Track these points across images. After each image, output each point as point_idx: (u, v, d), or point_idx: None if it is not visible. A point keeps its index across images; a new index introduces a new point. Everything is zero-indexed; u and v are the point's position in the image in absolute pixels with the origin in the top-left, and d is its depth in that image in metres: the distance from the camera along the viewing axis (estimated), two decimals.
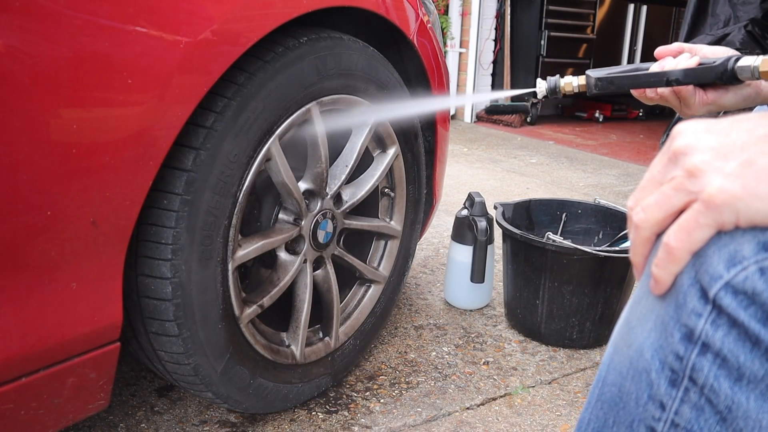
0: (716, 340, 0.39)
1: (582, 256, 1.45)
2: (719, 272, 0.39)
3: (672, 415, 0.42)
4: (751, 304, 0.38)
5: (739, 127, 0.40)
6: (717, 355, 0.40)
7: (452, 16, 5.36)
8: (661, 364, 0.42)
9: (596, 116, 5.68)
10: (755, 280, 0.38)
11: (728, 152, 0.39)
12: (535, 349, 1.55)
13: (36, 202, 0.71)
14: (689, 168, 0.40)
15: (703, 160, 0.40)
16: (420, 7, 1.39)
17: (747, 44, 3.81)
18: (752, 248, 0.38)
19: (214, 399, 1.08)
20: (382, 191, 1.39)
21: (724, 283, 0.39)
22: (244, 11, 0.90)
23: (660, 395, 0.42)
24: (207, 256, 0.96)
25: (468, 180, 3.28)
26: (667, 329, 0.42)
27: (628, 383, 0.45)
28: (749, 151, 0.39)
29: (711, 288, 0.39)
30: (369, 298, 1.39)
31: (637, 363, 0.44)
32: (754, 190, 0.38)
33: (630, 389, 0.45)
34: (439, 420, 1.25)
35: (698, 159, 0.40)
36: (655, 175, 0.43)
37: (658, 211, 0.42)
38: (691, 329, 0.40)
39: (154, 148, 0.82)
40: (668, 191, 0.41)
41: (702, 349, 0.40)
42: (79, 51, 0.72)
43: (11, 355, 0.73)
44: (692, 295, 0.40)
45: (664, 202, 0.42)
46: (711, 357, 0.40)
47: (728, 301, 0.39)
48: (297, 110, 1.06)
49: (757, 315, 0.38)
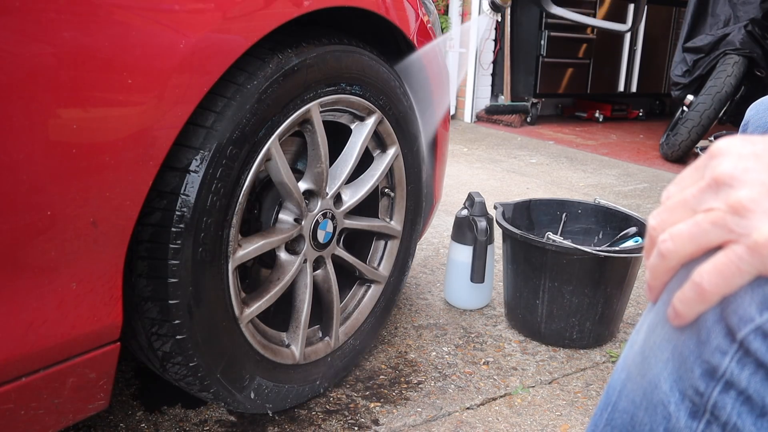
0: (741, 379, 0.37)
1: (582, 256, 1.45)
2: (750, 315, 0.36)
3: None
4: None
5: None
6: (741, 393, 0.37)
7: (452, 16, 5.36)
8: (681, 396, 0.40)
9: (596, 116, 5.67)
10: None
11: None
12: (535, 349, 1.55)
13: (36, 202, 0.71)
14: (734, 204, 0.36)
15: (752, 198, 0.35)
16: (420, 7, 1.39)
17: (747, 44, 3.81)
18: None
19: (213, 399, 1.08)
20: (382, 191, 1.39)
21: (755, 326, 0.36)
22: (244, 11, 0.90)
23: (679, 428, 0.40)
24: (206, 256, 0.96)
25: (468, 180, 3.28)
26: (686, 363, 0.40)
27: (642, 413, 0.43)
28: None
29: (739, 330, 0.37)
30: (369, 298, 1.39)
31: (652, 395, 0.42)
32: None
33: (644, 420, 0.43)
34: (439, 420, 1.25)
35: (745, 195, 0.35)
36: (689, 199, 0.39)
37: (690, 245, 0.38)
38: (713, 366, 0.38)
39: (154, 148, 0.82)
40: (705, 225, 0.37)
41: (725, 387, 0.38)
42: (79, 51, 0.72)
43: (11, 355, 0.73)
44: (716, 333, 0.38)
45: (700, 236, 0.38)
46: (735, 395, 0.38)
47: (757, 346, 0.36)
48: (297, 110, 1.06)
49: None
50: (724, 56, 3.86)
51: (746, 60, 3.81)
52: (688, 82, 4.02)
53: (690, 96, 3.97)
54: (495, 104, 5.26)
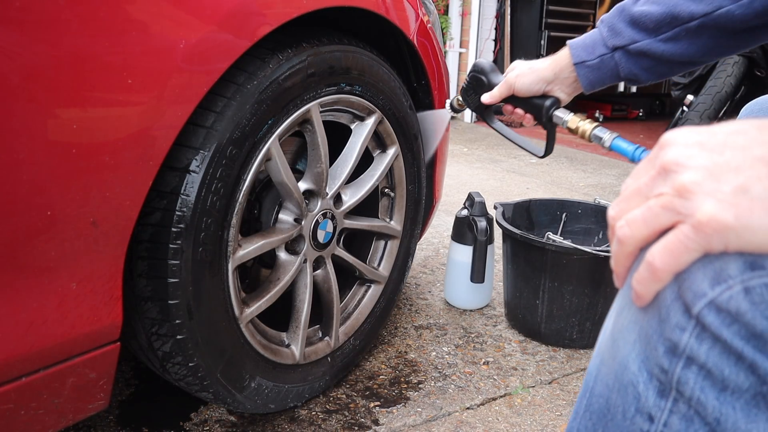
0: (701, 353, 0.39)
1: (582, 256, 1.45)
2: (703, 290, 0.38)
3: (661, 426, 0.42)
4: (734, 323, 0.37)
5: (734, 143, 0.38)
6: (702, 367, 0.39)
7: (452, 16, 5.36)
8: (648, 375, 0.42)
9: (596, 116, 5.67)
10: (740, 300, 0.37)
11: (721, 174, 0.37)
12: (535, 349, 1.55)
13: (36, 202, 0.71)
14: (679, 187, 0.38)
15: (695, 181, 0.38)
16: (420, 7, 1.39)
17: None
18: (738, 267, 0.37)
19: (213, 399, 1.08)
20: (382, 191, 1.39)
21: (708, 301, 0.38)
22: (244, 11, 0.90)
23: (648, 407, 0.42)
24: (206, 256, 0.96)
25: (468, 180, 3.28)
26: (651, 342, 0.41)
27: (615, 396, 0.45)
28: (744, 175, 0.37)
29: (694, 305, 0.39)
30: (369, 298, 1.39)
31: (623, 376, 0.44)
32: (747, 221, 0.36)
33: (617, 402, 0.45)
34: (439, 420, 1.25)
35: (689, 178, 0.38)
36: (641, 187, 0.41)
37: (644, 228, 0.40)
38: (675, 343, 0.40)
39: (153, 148, 0.82)
40: (656, 208, 0.40)
41: (687, 363, 0.40)
42: (79, 51, 0.72)
43: (11, 355, 0.73)
44: (675, 310, 0.40)
45: (651, 220, 0.40)
46: (696, 369, 0.39)
47: (711, 319, 0.38)
48: (297, 110, 1.06)
49: (741, 333, 0.37)
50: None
51: (746, 60, 3.81)
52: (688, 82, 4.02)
53: (690, 96, 3.97)
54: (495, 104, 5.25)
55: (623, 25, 0.89)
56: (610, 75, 0.93)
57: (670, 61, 0.87)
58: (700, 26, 0.83)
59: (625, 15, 0.90)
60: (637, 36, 0.88)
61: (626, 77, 0.92)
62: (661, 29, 0.86)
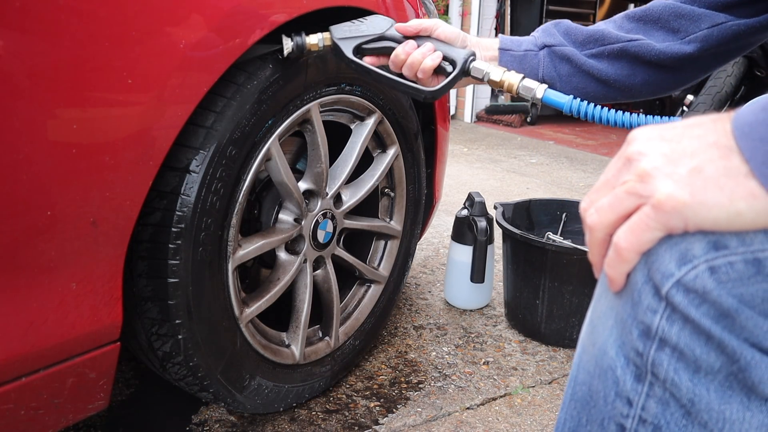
0: (672, 335, 0.40)
1: (582, 256, 1.44)
2: (670, 270, 0.40)
3: (639, 410, 0.43)
4: (702, 303, 0.39)
5: (691, 133, 0.41)
6: (674, 349, 0.41)
7: (452, 16, 5.36)
8: (625, 360, 0.43)
9: None
10: (705, 279, 0.39)
11: (678, 158, 0.40)
12: (535, 349, 1.55)
13: (36, 202, 0.71)
14: (640, 172, 0.41)
15: (654, 166, 0.40)
16: (420, 7, 1.39)
17: None
18: (702, 247, 0.39)
19: (213, 399, 1.08)
20: (382, 191, 1.39)
21: (675, 281, 0.40)
22: (244, 11, 0.90)
23: (626, 392, 0.43)
24: (206, 256, 0.96)
25: (468, 180, 3.29)
26: (626, 326, 0.43)
27: (596, 381, 0.46)
28: (698, 158, 0.39)
29: (663, 286, 0.40)
30: (369, 298, 1.39)
31: (602, 361, 0.45)
32: (702, 197, 0.38)
33: (598, 387, 0.46)
34: (439, 420, 1.25)
35: (649, 164, 0.41)
36: (609, 178, 0.44)
37: (611, 213, 0.43)
38: (647, 326, 0.41)
39: (153, 148, 0.82)
40: (620, 194, 0.42)
41: (660, 345, 0.41)
42: (79, 51, 0.72)
43: (11, 355, 0.73)
44: (646, 293, 0.41)
45: (617, 205, 0.42)
46: (669, 351, 0.41)
47: (680, 299, 0.40)
48: (297, 110, 1.06)
49: (709, 313, 0.39)
50: None
51: (746, 60, 3.81)
52: None
53: (690, 96, 3.97)
54: (495, 104, 5.26)
55: (557, 31, 0.94)
56: (529, 72, 0.93)
57: (587, 74, 0.90)
58: (621, 50, 0.88)
59: (560, 26, 0.95)
60: (566, 42, 0.93)
61: (543, 79, 0.92)
62: (588, 44, 0.91)
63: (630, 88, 0.91)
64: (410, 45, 0.92)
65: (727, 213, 0.38)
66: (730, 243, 0.39)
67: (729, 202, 0.38)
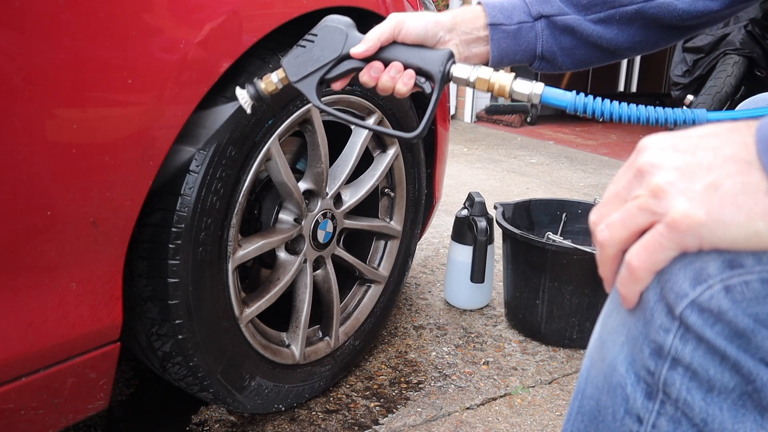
0: (685, 355, 0.39)
1: (582, 256, 1.45)
2: (684, 290, 0.39)
3: (650, 428, 0.42)
4: (717, 322, 0.38)
5: (706, 144, 0.39)
6: (687, 368, 0.40)
7: None
8: (636, 377, 0.42)
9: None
10: (720, 299, 0.38)
11: (693, 173, 0.38)
12: (535, 349, 1.55)
13: (36, 202, 0.71)
14: (653, 188, 0.39)
15: (668, 181, 0.39)
16: (420, 7, 1.39)
17: (747, 44, 3.81)
18: (718, 266, 0.38)
19: (213, 399, 1.08)
20: (382, 191, 1.39)
21: (690, 301, 0.38)
22: (244, 11, 0.90)
23: (636, 409, 0.43)
24: (206, 256, 0.96)
25: (468, 180, 3.28)
26: (637, 344, 0.42)
27: (605, 397, 0.45)
28: (714, 174, 0.38)
29: (677, 306, 0.39)
30: (369, 298, 1.39)
31: (611, 377, 0.44)
32: (719, 216, 0.37)
33: (607, 403, 0.45)
34: (439, 420, 1.25)
35: (663, 179, 0.39)
36: (620, 190, 0.42)
37: (623, 230, 0.41)
38: (660, 345, 0.40)
39: (153, 148, 0.82)
40: (633, 210, 0.40)
41: (672, 364, 0.40)
42: (79, 51, 0.72)
43: (11, 355, 0.73)
44: (659, 312, 0.40)
45: (629, 221, 0.41)
46: (682, 371, 0.40)
47: (694, 319, 0.38)
48: (297, 110, 1.06)
49: (724, 332, 0.38)
50: (724, 56, 3.86)
51: (746, 60, 3.81)
52: (688, 82, 4.02)
53: (690, 96, 3.97)
54: (495, 104, 5.25)
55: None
56: (525, 49, 0.78)
57: (594, 46, 0.78)
58: (636, 13, 0.75)
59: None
60: (567, 9, 0.77)
61: (543, 55, 0.79)
62: (593, 8, 0.76)
63: (629, 52, 0.79)
64: (375, 68, 0.75)
65: (744, 232, 0.37)
66: (746, 262, 0.38)
67: (747, 221, 0.36)
